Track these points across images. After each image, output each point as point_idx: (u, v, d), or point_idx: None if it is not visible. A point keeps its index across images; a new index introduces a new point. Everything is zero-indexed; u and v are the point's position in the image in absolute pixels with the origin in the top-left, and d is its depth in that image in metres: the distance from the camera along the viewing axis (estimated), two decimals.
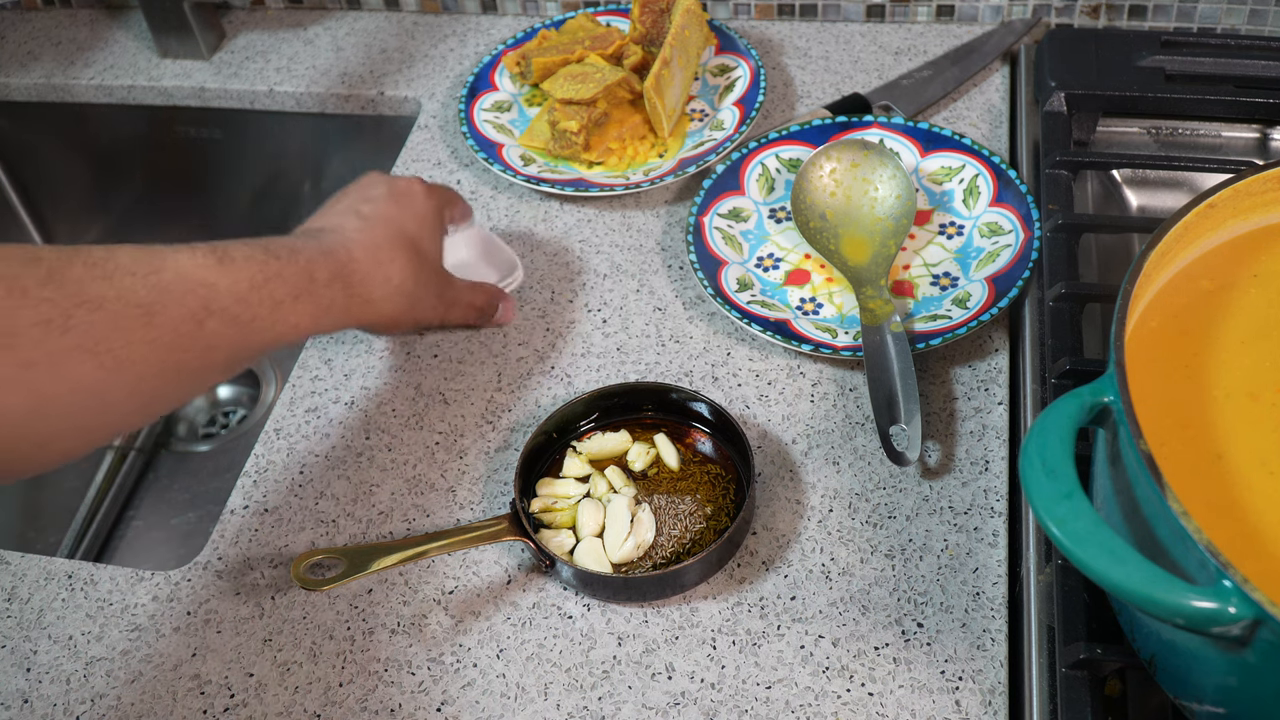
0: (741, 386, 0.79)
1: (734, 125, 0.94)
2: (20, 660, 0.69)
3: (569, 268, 0.89)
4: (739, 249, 0.87)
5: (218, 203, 1.20)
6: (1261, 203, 0.62)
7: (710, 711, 0.64)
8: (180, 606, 0.71)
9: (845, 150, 0.88)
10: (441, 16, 1.14)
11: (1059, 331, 0.73)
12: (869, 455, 0.74)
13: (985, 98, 0.98)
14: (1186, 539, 0.46)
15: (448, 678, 0.66)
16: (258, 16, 1.17)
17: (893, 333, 0.76)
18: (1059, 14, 1.03)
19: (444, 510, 0.74)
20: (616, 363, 0.82)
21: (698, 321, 0.84)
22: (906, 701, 0.63)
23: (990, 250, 0.84)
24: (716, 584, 0.69)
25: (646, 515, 0.71)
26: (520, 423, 0.79)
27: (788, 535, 0.71)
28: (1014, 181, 0.86)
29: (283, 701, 0.66)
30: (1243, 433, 0.53)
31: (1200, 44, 0.91)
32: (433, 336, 0.85)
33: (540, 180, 0.92)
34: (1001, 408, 0.76)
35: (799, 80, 1.02)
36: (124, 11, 1.20)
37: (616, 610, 0.68)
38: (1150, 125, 0.92)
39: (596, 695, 0.65)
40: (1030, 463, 0.50)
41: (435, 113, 1.04)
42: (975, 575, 0.68)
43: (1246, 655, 0.47)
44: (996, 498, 0.71)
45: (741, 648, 0.66)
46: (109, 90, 1.13)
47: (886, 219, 0.85)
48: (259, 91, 1.10)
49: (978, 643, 0.65)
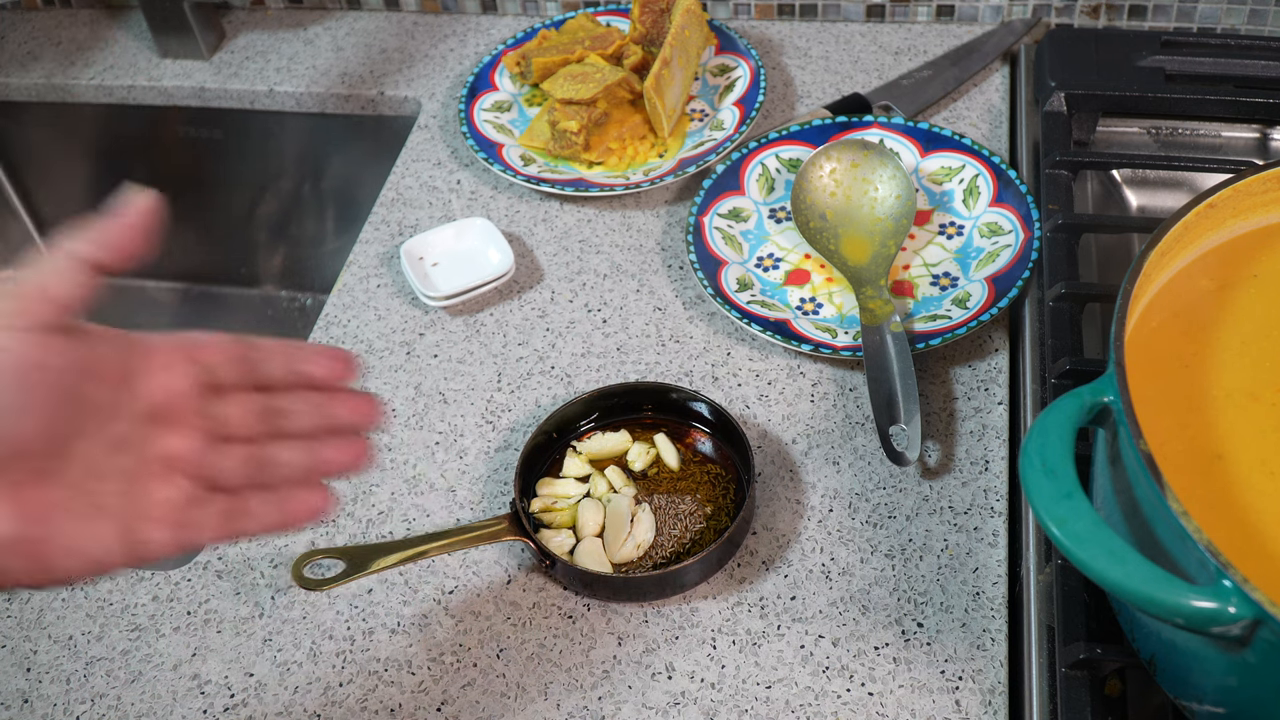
0: (741, 386, 0.79)
1: (734, 125, 0.94)
2: (20, 660, 0.69)
3: (569, 268, 0.89)
4: (739, 249, 0.87)
5: (218, 203, 1.20)
6: (1261, 203, 0.62)
7: (710, 711, 0.64)
8: (180, 606, 0.71)
9: (845, 150, 0.88)
10: (441, 16, 1.14)
11: (1059, 331, 0.73)
12: (869, 455, 0.74)
13: (985, 98, 0.98)
14: (1186, 539, 0.46)
15: (448, 678, 0.66)
16: (258, 16, 1.17)
17: (893, 333, 0.76)
18: (1059, 14, 1.03)
19: (444, 510, 0.74)
20: (616, 363, 0.82)
21: (698, 321, 0.84)
22: (906, 701, 0.63)
23: (990, 250, 0.84)
24: (716, 584, 0.69)
25: (646, 515, 0.71)
26: (520, 423, 0.79)
27: (788, 535, 0.71)
28: (1014, 181, 0.86)
29: (283, 701, 0.66)
30: (1243, 433, 0.53)
31: (1200, 44, 0.91)
32: (433, 336, 0.85)
33: (540, 180, 0.92)
34: (1001, 408, 0.76)
35: (799, 80, 1.02)
36: (124, 11, 1.20)
37: (616, 610, 0.68)
38: (1150, 125, 0.92)
39: (596, 695, 0.65)
40: (1030, 463, 0.50)
41: (435, 113, 1.04)
42: (975, 575, 0.68)
43: (1246, 655, 0.47)
44: (996, 498, 0.71)
45: (741, 648, 0.66)
46: (109, 90, 1.13)
47: (886, 219, 0.85)
48: (259, 91, 1.10)
49: (978, 643, 0.65)
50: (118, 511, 0.47)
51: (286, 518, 0.51)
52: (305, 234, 1.19)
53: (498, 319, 0.86)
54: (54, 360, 0.45)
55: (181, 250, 1.24)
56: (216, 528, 0.50)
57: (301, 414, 0.52)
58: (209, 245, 1.23)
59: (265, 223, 1.20)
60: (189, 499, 0.49)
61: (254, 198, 1.19)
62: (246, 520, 0.51)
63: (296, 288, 1.22)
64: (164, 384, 0.49)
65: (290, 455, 0.52)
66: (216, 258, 1.23)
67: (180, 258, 1.25)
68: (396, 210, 0.95)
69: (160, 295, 1.26)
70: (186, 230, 1.23)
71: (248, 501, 0.51)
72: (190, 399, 0.50)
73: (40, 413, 0.45)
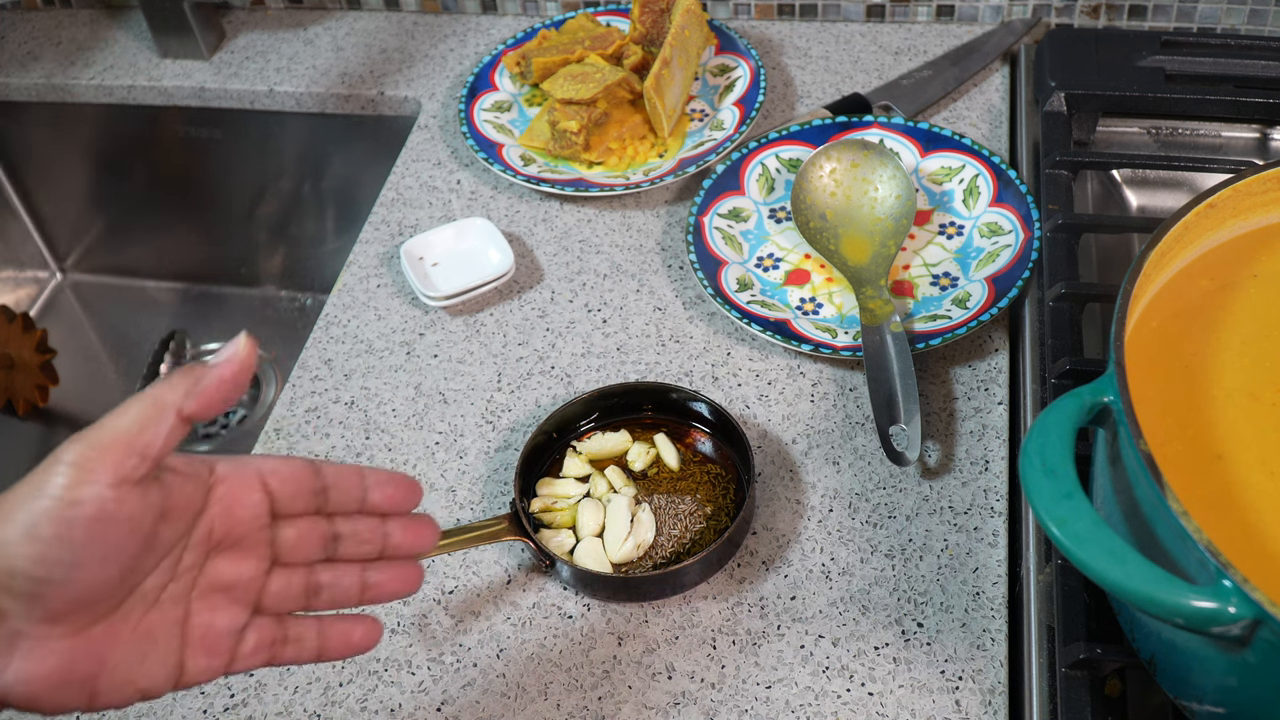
0: (741, 386, 0.79)
1: (734, 125, 0.94)
2: None
3: (569, 268, 0.89)
4: (739, 249, 0.87)
5: (218, 203, 1.20)
6: (1261, 203, 0.62)
7: (710, 711, 0.64)
8: None
9: (845, 150, 0.88)
10: (441, 16, 1.14)
11: (1059, 331, 0.73)
12: (869, 455, 0.74)
13: (985, 98, 0.98)
14: (1186, 539, 0.46)
15: (448, 678, 0.66)
16: (258, 16, 1.17)
17: (893, 333, 0.76)
18: (1059, 14, 1.03)
19: (444, 510, 0.74)
20: (616, 363, 0.82)
21: (698, 321, 0.84)
22: (906, 701, 0.63)
23: (990, 250, 0.84)
24: (716, 584, 0.69)
25: (646, 515, 0.71)
26: (520, 423, 0.79)
27: (788, 535, 0.71)
28: (1014, 181, 0.86)
29: (283, 701, 0.66)
30: (1243, 433, 0.53)
31: (1200, 44, 0.91)
32: (433, 336, 0.85)
33: (540, 180, 0.92)
34: (1001, 408, 0.76)
35: (799, 80, 1.02)
36: (124, 11, 1.20)
37: (616, 610, 0.68)
38: (1150, 125, 0.92)
39: (596, 695, 0.65)
40: (1030, 463, 0.50)
41: (435, 113, 1.04)
42: (975, 575, 0.68)
43: (1246, 655, 0.47)
44: (996, 498, 0.71)
45: (741, 647, 0.66)
46: (109, 90, 1.13)
47: (886, 219, 0.85)
48: (259, 91, 1.10)
49: (978, 643, 0.65)
50: (169, 643, 0.47)
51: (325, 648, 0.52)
52: (305, 234, 1.19)
53: (498, 319, 0.86)
54: (132, 511, 0.44)
55: (181, 250, 1.24)
56: (259, 654, 0.50)
57: (359, 539, 0.52)
58: (209, 245, 1.23)
59: (265, 223, 1.20)
60: (237, 625, 0.49)
61: (254, 198, 1.19)
62: (287, 649, 0.51)
63: (296, 288, 1.22)
64: (231, 513, 0.49)
65: (343, 580, 0.52)
66: (216, 258, 1.23)
67: (180, 258, 1.25)
68: (396, 210, 0.95)
69: (160, 295, 1.26)
70: (186, 230, 1.23)
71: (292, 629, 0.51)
72: (254, 529, 0.49)
73: (114, 564, 0.44)
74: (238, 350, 0.47)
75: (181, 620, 0.47)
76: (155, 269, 1.26)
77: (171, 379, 0.46)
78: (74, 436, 0.44)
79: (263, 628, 0.50)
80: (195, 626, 0.48)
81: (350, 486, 0.51)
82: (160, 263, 1.26)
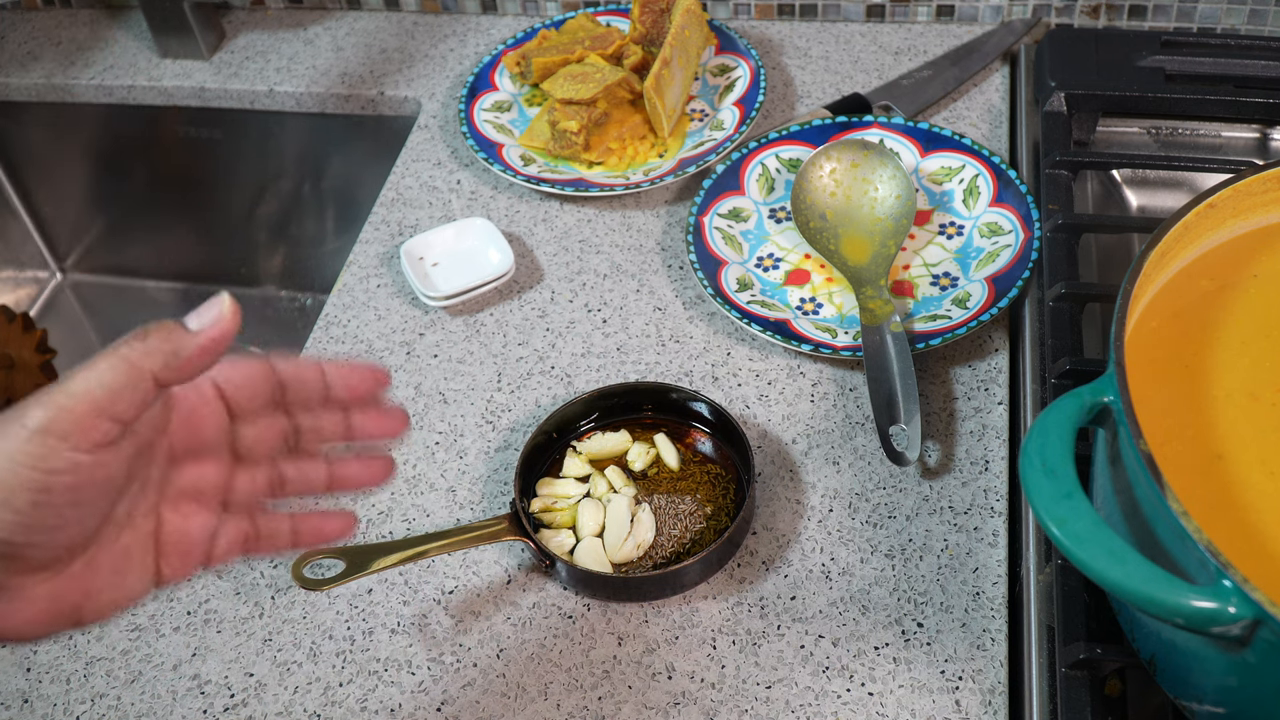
0: (741, 386, 0.79)
1: (734, 125, 0.94)
2: (20, 660, 0.69)
3: (569, 268, 0.89)
4: (739, 249, 0.87)
5: (218, 203, 1.20)
6: (1261, 203, 0.62)
7: (710, 711, 0.64)
8: (180, 606, 0.71)
9: (845, 150, 0.88)
10: (441, 16, 1.14)
11: (1059, 331, 0.73)
12: (869, 455, 0.74)
13: (985, 98, 0.98)
14: (1186, 539, 0.46)
15: (448, 678, 0.66)
16: (258, 16, 1.17)
17: (893, 333, 0.76)
18: (1059, 14, 1.03)
19: (444, 510, 0.74)
20: (616, 363, 0.82)
21: (698, 321, 0.84)
22: (906, 701, 0.63)
23: (990, 250, 0.84)
24: (716, 584, 0.69)
25: (646, 515, 0.71)
26: (520, 423, 0.79)
27: (788, 535, 0.71)
28: (1014, 181, 0.86)
29: (283, 701, 0.66)
30: (1243, 433, 0.53)
31: (1200, 44, 0.91)
32: (433, 336, 0.85)
33: (540, 180, 0.92)
34: (1001, 408, 0.76)
35: (799, 80, 1.02)
36: (124, 11, 1.20)
37: (616, 610, 0.68)
38: (1150, 125, 0.92)
39: (596, 695, 0.65)
40: (1030, 463, 0.50)
41: (435, 113, 1.04)
42: (975, 575, 0.68)
43: (1246, 655, 0.47)
44: (996, 498, 0.71)
45: (741, 648, 0.66)
46: (109, 90, 1.13)
47: (886, 219, 0.85)
48: (259, 91, 1.10)
49: (978, 643, 0.65)
50: (144, 556, 0.47)
51: (300, 539, 0.52)
52: (305, 234, 1.19)
53: (498, 319, 0.86)
54: (108, 468, 0.44)
55: (181, 250, 1.24)
56: (232, 551, 0.50)
57: (325, 431, 0.52)
58: (209, 245, 1.23)
59: (265, 223, 1.20)
60: (209, 528, 0.49)
61: (254, 198, 1.19)
62: (260, 543, 0.51)
63: (296, 288, 1.22)
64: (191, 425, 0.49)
65: (308, 473, 0.52)
66: (216, 258, 1.23)
67: (180, 258, 1.25)
68: (396, 210, 0.95)
69: (160, 295, 1.26)
70: (186, 230, 1.23)
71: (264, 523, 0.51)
72: (215, 435, 0.49)
73: (93, 515, 0.45)
74: (222, 313, 0.45)
75: (154, 532, 0.48)
76: (155, 269, 1.26)
77: (149, 340, 0.44)
78: (38, 396, 0.42)
79: (234, 524, 0.50)
80: (168, 535, 0.48)
81: (310, 380, 0.51)
82: (160, 263, 1.26)
